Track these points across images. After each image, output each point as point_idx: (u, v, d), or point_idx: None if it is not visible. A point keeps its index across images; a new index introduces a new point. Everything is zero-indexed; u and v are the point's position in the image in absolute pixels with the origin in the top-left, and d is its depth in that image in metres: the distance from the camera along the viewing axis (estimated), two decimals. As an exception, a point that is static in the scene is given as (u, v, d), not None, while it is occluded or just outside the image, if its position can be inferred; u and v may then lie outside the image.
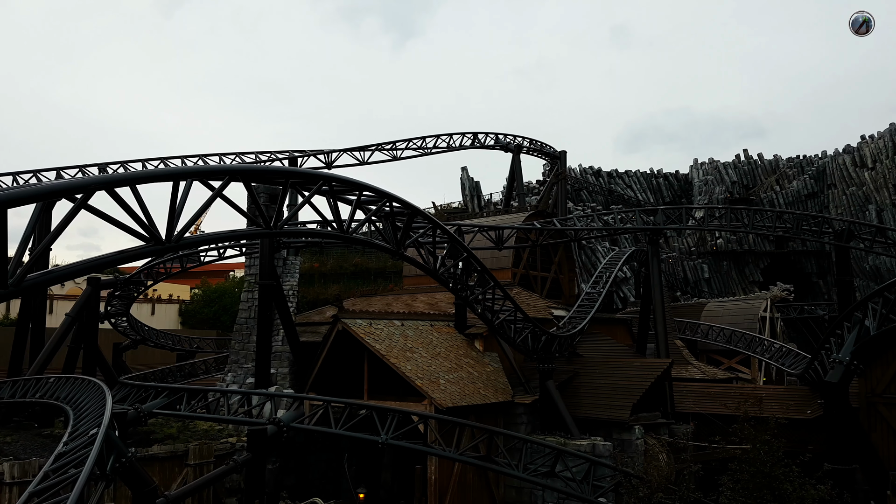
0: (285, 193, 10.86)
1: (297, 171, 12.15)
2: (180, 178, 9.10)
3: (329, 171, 13.81)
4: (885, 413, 16.97)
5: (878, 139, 44.91)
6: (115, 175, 8.73)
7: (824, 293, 45.94)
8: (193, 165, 32.66)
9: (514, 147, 38.66)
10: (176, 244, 9.02)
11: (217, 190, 9.72)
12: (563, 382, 20.95)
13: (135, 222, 8.66)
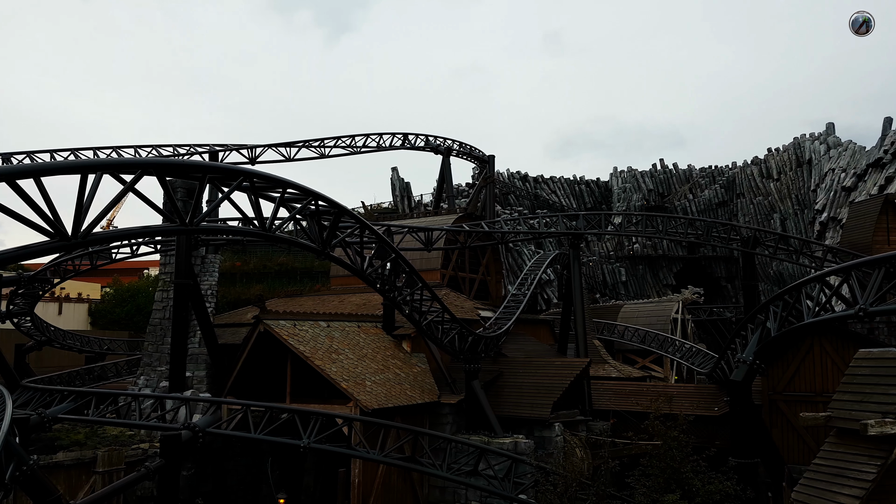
0: (202, 189, 10.43)
1: (216, 166, 11.70)
2: (89, 171, 8.58)
3: (251, 167, 13.42)
4: (785, 409, 18.02)
5: (783, 152, 47.87)
6: (18, 166, 8.14)
7: (732, 296, 48.50)
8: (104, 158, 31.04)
9: (444, 150, 38.81)
10: (83, 240, 8.50)
11: (129, 184, 9.23)
12: (488, 382, 21.19)
13: (39, 217, 8.11)
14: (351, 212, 13.43)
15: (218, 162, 29.56)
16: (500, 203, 48.37)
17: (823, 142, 44.39)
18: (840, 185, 37.15)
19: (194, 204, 10.41)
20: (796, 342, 17.91)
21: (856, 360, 10.52)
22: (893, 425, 8.96)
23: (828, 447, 9.99)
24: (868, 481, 8.95)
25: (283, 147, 34.69)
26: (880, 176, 32.88)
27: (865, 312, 11.77)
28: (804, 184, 45.66)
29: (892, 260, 11.96)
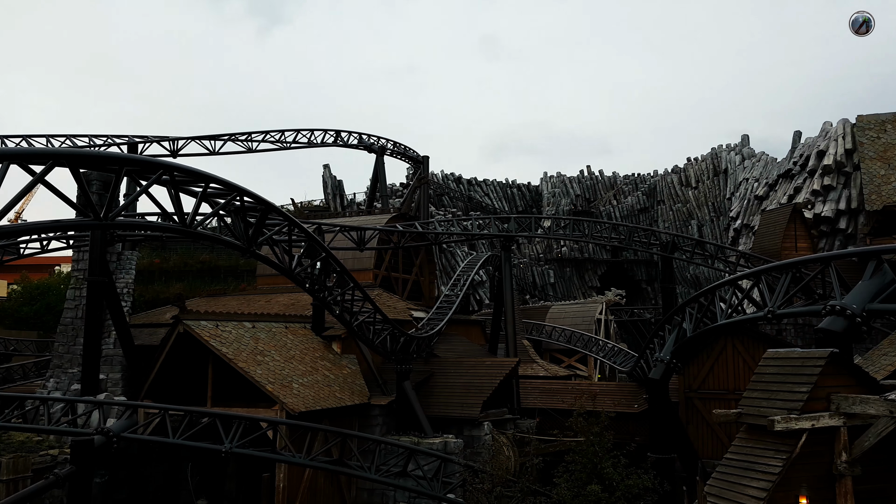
0: (119, 182, 9.94)
1: (134, 158, 11.19)
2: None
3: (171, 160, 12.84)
4: (700, 406, 18.88)
5: (701, 162, 50.17)
6: None
7: (651, 298, 50.42)
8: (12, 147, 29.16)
9: (377, 149, 38.53)
10: (-15, 233, 7.94)
11: (38, 175, 8.70)
12: (419, 382, 21.18)
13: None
14: (279, 209, 13.12)
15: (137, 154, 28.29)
16: (434, 204, 48.51)
17: (739, 152, 46.74)
18: (753, 193, 39.21)
19: (110, 197, 9.91)
20: (710, 342, 18.79)
21: (764, 359, 11.13)
22: (798, 421, 9.54)
23: (738, 442, 10.52)
24: (774, 474, 9.49)
25: (208, 140, 33.55)
26: (790, 186, 34.93)
27: (773, 314, 12.44)
28: (720, 192, 47.95)
29: (799, 265, 12.71)
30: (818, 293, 12.09)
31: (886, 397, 9.34)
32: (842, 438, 9.66)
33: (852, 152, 31.19)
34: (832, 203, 31.57)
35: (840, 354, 10.09)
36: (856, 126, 30.91)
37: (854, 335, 10.48)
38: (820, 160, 32.68)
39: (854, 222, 30.93)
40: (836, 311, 10.30)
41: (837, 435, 9.67)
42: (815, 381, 9.74)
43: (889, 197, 25.83)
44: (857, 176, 30.68)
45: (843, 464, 9.60)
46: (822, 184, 32.06)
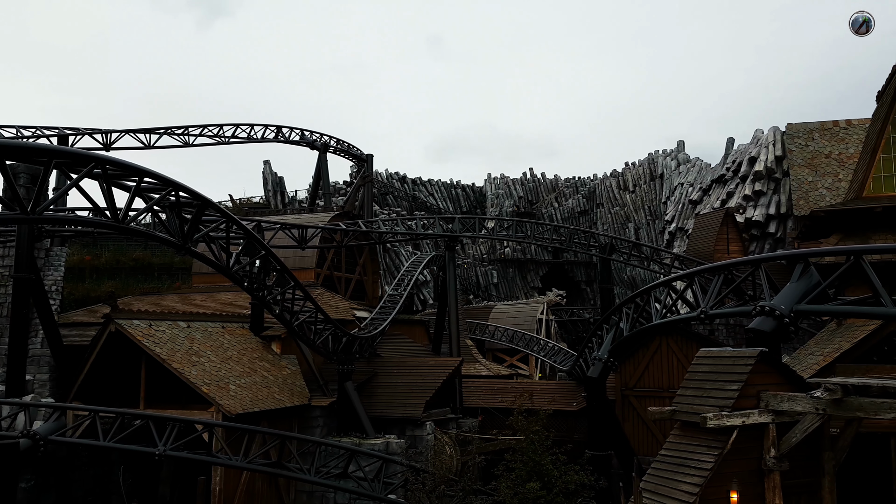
0: (48, 175, 9.44)
1: (64, 150, 10.65)
2: None
3: (104, 153, 12.34)
4: (636, 404, 19.41)
5: (639, 166, 51.65)
6: None
7: (591, 299, 51.60)
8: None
9: (320, 146, 37.96)
10: None
11: (-44, 164, 8.15)
12: (362, 383, 21.00)
13: None
14: (216, 204, 12.74)
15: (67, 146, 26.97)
16: (379, 203, 48.20)
17: (674, 158, 48.31)
18: (687, 198, 40.61)
19: (38, 191, 9.43)
20: (646, 341, 19.34)
21: (697, 358, 11.50)
22: (729, 418, 9.88)
23: (672, 439, 10.83)
24: (707, 470, 9.79)
25: (143, 133, 32.31)
26: (722, 191, 36.33)
27: (706, 315, 12.90)
28: (656, 196, 49.46)
29: (730, 267, 13.22)
30: (749, 294, 12.59)
31: (812, 395, 9.78)
32: (770, 435, 10.04)
33: (782, 159, 32.69)
34: (762, 208, 33.02)
35: (769, 353, 10.50)
36: (785, 134, 32.37)
37: (782, 335, 10.94)
38: (751, 166, 34.11)
39: (783, 226, 32.44)
40: (766, 311, 10.74)
41: (766, 431, 10.05)
42: (745, 379, 10.11)
43: (816, 202, 27.16)
44: (786, 182, 32.18)
45: (771, 459, 9.98)
46: (753, 189, 33.49)
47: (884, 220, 20.99)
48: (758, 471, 10.08)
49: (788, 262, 11.47)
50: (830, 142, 30.10)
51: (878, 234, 21.13)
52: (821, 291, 10.61)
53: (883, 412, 9.04)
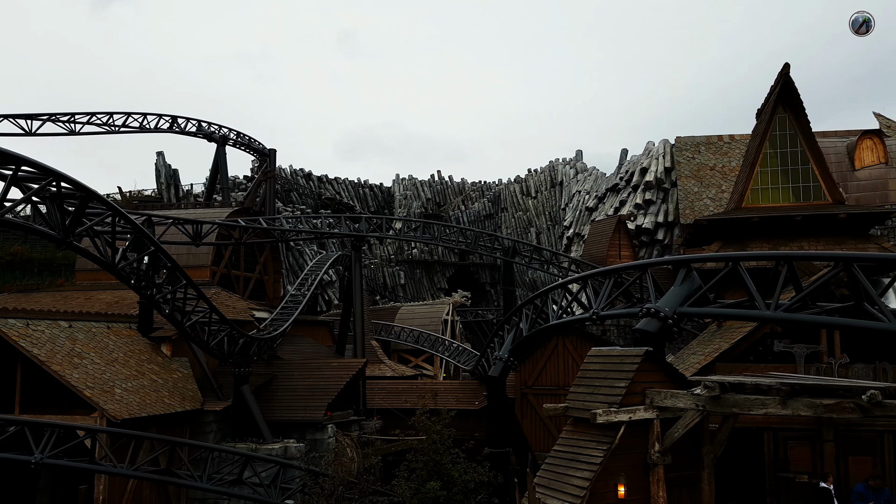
0: None
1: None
2: None
3: (-25, 138, 11.28)
4: (534, 402, 19.99)
5: (541, 173, 53.35)
6: None
7: (495, 300, 52.71)
8: None
9: (219, 138, 36.48)
10: None
11: None
12: (260, 386, 20.41)
13: None
14: (101, 196, 11.96)
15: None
16: (282, 200, 46.96)
17: (573, 166, 50.21)
18: (584, 205, 42.32)
19: None
20: (544, 341, 19.96)
21: (588, 357, 11.99)
22: (617, 414, 10.37)
23: (565, 435, 11.23)
24: (596, 464, 10.22)
25: (23, 119, 29.92)
26: (616, 199, 38.15)
27: (598, 316, 13.50)
28: (556, 202, 51.27)
29: (620, 271, 13.89)
30: (637, 297, 13.26)
31: (693, 392, 10.43)
32: (655, 430, 10.61)
33: (671, 170, 34.72)
34: (652, 216, 34.95)
35: (654, 353, 11.11)
36: (674, 146, 34.45)
37: (666, 335, 11.60)
38: (643, 177, 36.02)
39: (670, 233, 34.46)
40: (651, 313, 11.35)
41: (651, 427, 10.61)
42: (632, 377, 10.64)
43: (700, 212, 29.08)
44: (674, 192, 34.21)
45: (656, 453, 10.55)
46: (643, 198, 35.36)
47: (760, 228, 22.81)
48: (643, 465, 10.62)
49: (674, 267, 12.18)
50: (715, 155, 32.36)
51: (755, 241, 22.94)
52: (702, 295, 11.34)
53: (756, 408, 9.77)
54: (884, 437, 13.72)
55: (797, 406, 9.39)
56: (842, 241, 21.78)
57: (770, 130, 23.36)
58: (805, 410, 9.39)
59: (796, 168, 23.03)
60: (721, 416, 10.91)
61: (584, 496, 9.88)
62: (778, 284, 10.15)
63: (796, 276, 10.23)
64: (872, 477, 12.49)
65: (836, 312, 9.89)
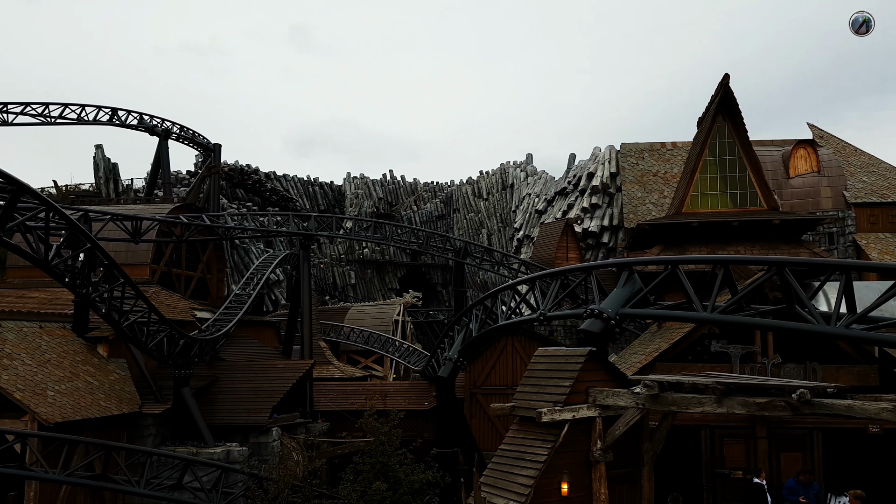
0: None
1: None
2: None
3: None
4: (483, 402, 20.17)
5: (492, 175, 53.84)
6: None
7: (446, 301, 52.89)
8: None
9: (161, 131, 35.43)
10: None
11: None
12: (201, 388, 19.91)
13: None
14: (34, 190, 11.45)
15: None
16: (228, 196, 45.92)
17: (523, 170, 50.91)
18: (534, 208, 42.96)
19: None
20: (494, 341, 20.18)
21: (535, 357, 12.14)
22: (561, 413, 10.53)
23: (511, 434, 11.34)
24: (541, 462, 10.35)
25: (-49, 109, 28.37)
26: (564, 203, 38.87)
27: (545, 316, 13.70)
28: (507, 204, 51.84)
29: (566, 273, 14.17)
30: (582, 298, 13.54)
31: (633, 390, 10.69)
32: (597, 428, 10.83)
33: (616, 175, 35.59)
34: (598, 220, 35.75)
35: (597, 352, 11.34)
36: (620, 152, 35.32)
37: (609, 335, 11.86)
38: (590, 181, 36.81)
39: (615, 237, 35.32)
40: (595, 314, 11.59)
41: (594, 425, 10.82)
42: (576, 376, 10.82)
43: (643, 216, 29.89)
44: (619, 197, 35.07)
45: (598, 451, 10.76)
46: (590, 202, 36.15)
47: (699, 233, 23.60)
48: (586, 462, 10.82)
49: (618, 270, 12.47)
50: (658, 161, 33.31)
51: (694, 246, 23.72)
52: (643, 297, 11.64)
53: (693, 407, 10.08)
54: (813, 433, 14.35)
55: (732, 404, 9.73)
56: (776, 246, 22.73)
57: (710, 138, 24.21)
58: (739, 409, 9.72)
59: (734, 175, 23.93)
60: (660, 414, 11.21)
61: (529, 494, 10.00)
62: (714, 287, 10.51)
63: (732, 280, 10.61)
64: (802, 472, 13.05)
65: (769, 314, 10.29)
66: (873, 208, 28.78)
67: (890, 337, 9.28)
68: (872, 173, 30.69)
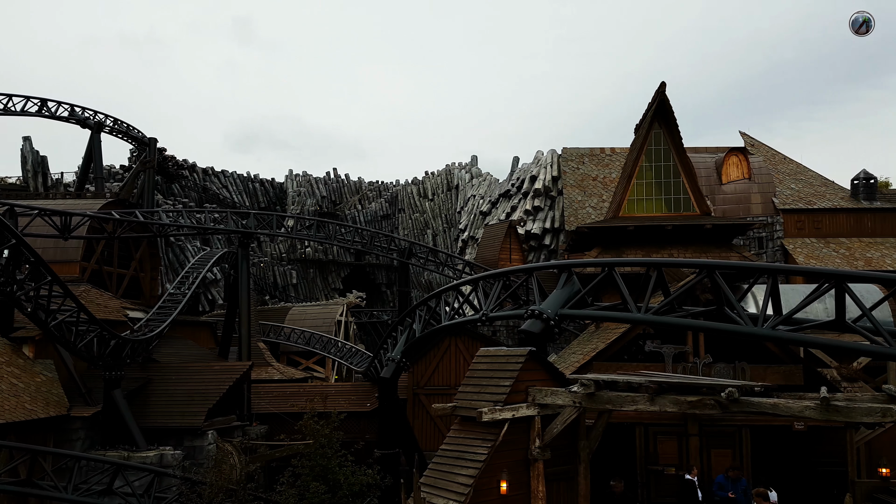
0: None
1: None
2: None
3: None
4: (426, 402, 20.22)
5: (437, 176, 54.00)
6: None
7: (390, 301, 52.71)
8: None
9: (93, 124, 34.06)
10: None
11: None
12: (134, 390, 19.27)
13: None
14: (-46, 184, 10.81)
15: None
16: (163, 192, 44.47)
17: (468, 171, 51.31)
18: (478, 209, 43.35)
19: None
20: (438, 342, 20.27)
21: (476, 357, 12.28)
22: (502, 412, 10.69)
23: (452, 434, 11.42)
24: (481, 461, 10.47)
25: None
26: (507, 205, 39.37)
27: (487, 317, 13.86)
28: (452, 205, 52.11)
29: (508, 274, 14.37)
30: (523, 299, 13.76)
31: (570, 389, 10.95)
32: (536, 426, 11.04)
33: (557, 179, 36.30)
34: (540, 222, 36.37)
35: (537, 352, 11.56)
36: (561, 157, 36.05)
37: (549, 336, 12.10)
38: (532, 184, 37.42)
39: (556, 239, 36.01)
40: (535, 314, 11.81)
41: (533, 423, 11.03)
42: (516, 375, 11.00)
43: (583, 220, 30.61)
44: (560, 200, 35.77)
45: (536, 449, 10.97)
46: (533, 205, 36.74)
47: (635, 236, 24.34)
48: (525, 460, 11.01)
49: (559, 271, 12.74)
50: (598, 166, 34.18)
51: (631, 248, 24.44)
52: (581, 298, 11.93)
53: (627, 405, 10.40)
54: (742, 431, 15.02)
55: (664, 403, 10.08)
56: (707, 249, 23.66)
57: (646, 145, 25.01)
58: (671, 407, 10.09)
59: (669, 181, 24.79)
60: (596, 412, 11.51)
61: (469, 493, 10.10)
62: (648, 289, 10.87)
63: (664, 282, 11.00)
64: (731, 468, 13.64)
65: (701, 316, 10.71)
66: (800, 214, 30.36)
67: (813, 338, 9.80)
68: (800, 181, 32.38)
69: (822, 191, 31.63)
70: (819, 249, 29.16)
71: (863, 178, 31.19)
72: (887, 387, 9.32)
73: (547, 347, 15.26)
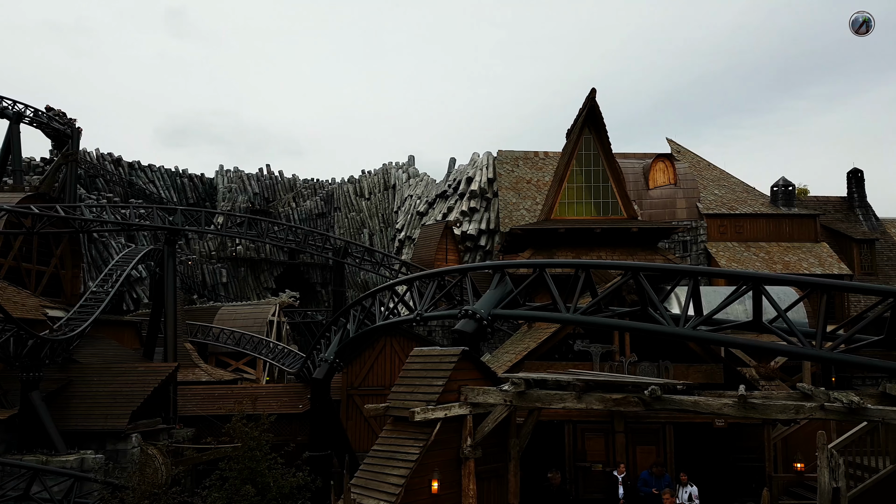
0: None
1: None
2: None
3: None
4: (360, 403, 20.14)
5: (374, 175, 53.72)
6: None
7: (325, 301, 52.03)
8: None
9: (12, 114, 32.24)
10: None
11: None
12: (53, 392, 18.45)
13: None
14: None
15: None
16: (86, 186, 42.49)
17: (405, 171, 51.31)
18: (416, 209, 43.45)
19: None
20: (372, 342, 20.22)
21: (410, 356, 12.35)
22: (434, 411, 10.79)
23: (384, 434, 11.44)
24: (412, 461, 10.53)
25: None
26: (444, 205, 39.65)
27: (422, 317, 13.97)
28: (389, 205, 51.97)
29: (443, 274, 14.51)
30: (457, 299, 13.94)
31: (501, 388, 11.17)
32: (468, 425, 11.18)
33: (493, 181, 36.82)
34: (476, 223, 36.81)
35: (470, 352, 11.72)
36: (496, 159, 36.60)
37: (482, 335, 12.31)
38: (468, 185, 37.83)
39: (491, 240, 36.53)
40: (469, 314, 11.99)
41: (465, 422, 11.18)
42: (449, 375, 11.12)
43: (517, 221, 31.18)
44: (495, 202, 36.30)
45: (468, 447, 11.12)
46: (469, 206, 37.14)
47: (566, 238, 24.98)
48: (456, 459, 11.15)
49: (492, 272, 12.97)
50: (532, 169, 34.88)
51: (561, 250, 25.07)
52: (513, 298, 12.20)
53: (556, 403, 10.69)
54: (666, 428, 15.63)
55: (591, 400, 10.43)
56: (634, 252, 24.53)
57: (577, 150, 25.71)
58: (597, 404, 10.44)
59: (598, 185, 25.55)
60: (527, 410, 11.78)
61: (400, 493, 10.14)
62: (577, 290, 11.23)
63: (592, 283, 11.39)
64: (655, 465, 14.19)
65: (626, 316, 11.15)
66: (723, 219, 31.91)
67: (732, 338, 10.35)
68: (723, 187, 34.01)
69: (743, 197, 33.34)
70: (740, 253, 30.73)
71: (782, 185, 33.06)
72: (801, 385, 9.86)
73: (480, 347, 15.52)
